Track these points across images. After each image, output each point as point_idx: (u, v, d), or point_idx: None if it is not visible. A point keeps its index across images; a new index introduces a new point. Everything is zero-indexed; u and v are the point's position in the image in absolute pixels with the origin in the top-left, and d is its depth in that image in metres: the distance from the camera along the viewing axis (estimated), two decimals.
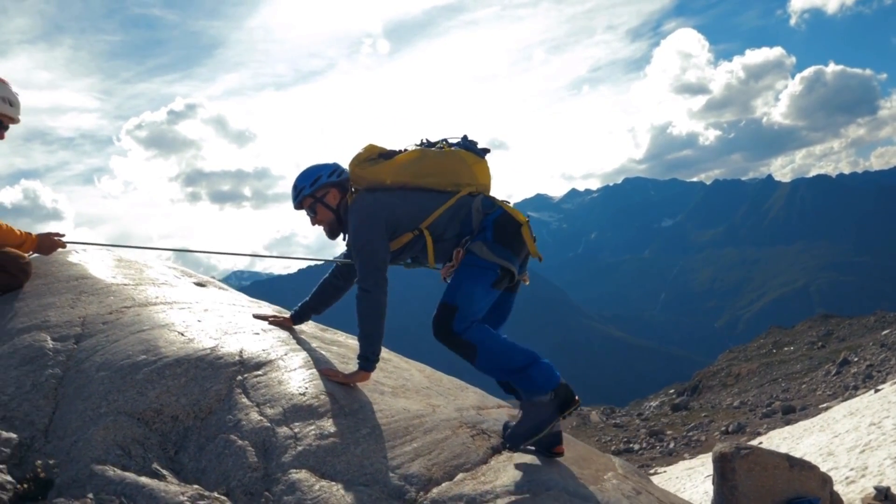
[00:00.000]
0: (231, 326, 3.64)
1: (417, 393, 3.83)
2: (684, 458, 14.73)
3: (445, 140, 3.82)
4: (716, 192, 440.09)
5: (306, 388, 3.11)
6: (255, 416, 2.88)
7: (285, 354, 3.44)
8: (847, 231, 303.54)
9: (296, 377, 3.21)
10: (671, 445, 16.65)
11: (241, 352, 3.31)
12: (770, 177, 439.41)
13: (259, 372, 3.20)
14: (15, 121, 3.88)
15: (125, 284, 3.92)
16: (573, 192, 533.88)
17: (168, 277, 4.51)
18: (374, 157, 3.71)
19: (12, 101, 3.84)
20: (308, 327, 4.42)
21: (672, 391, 30.43)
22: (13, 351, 3.02)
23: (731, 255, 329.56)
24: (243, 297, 4.86)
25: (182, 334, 3.33)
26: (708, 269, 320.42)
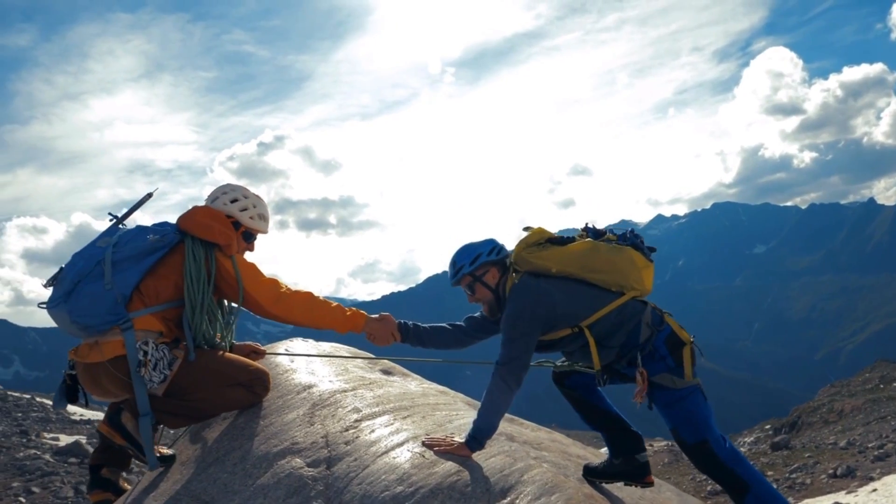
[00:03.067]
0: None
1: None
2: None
3: (611, 230, 3.70)
4: (812, 217, 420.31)
5: None
6: None
7: (521, 477, 3.33)
8: None
9: None
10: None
11: (482, 475, 3.24)
12: (872, 199, 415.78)
13: (506, 500, 3.11)
14: (265, 233, 4.02)
15: (345, 390, 3.94)
16: (659, 218, 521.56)
17: (366, 372, 4.54)
18: (542, 241, 3.60)
19: (265, 217, 3.97)
20: (506, 424, 4.35)
21: (768, 427, 28.74)
22: (277, 481, 3.04)
23: (830, 282, 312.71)
24: (433, 386, 4.85)
25: (423, 455, 3.28)
26: (805, 298, 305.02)
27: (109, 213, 3.73)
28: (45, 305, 3.33)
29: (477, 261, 3.60)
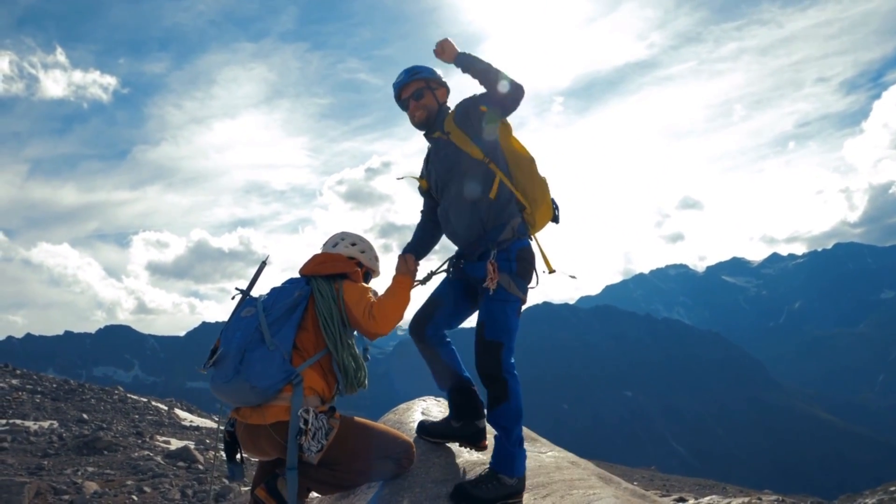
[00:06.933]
0: None
1: None
2: None
3: (555, 205, 3.89)
4: None
5: None
6: None
7: None
8: None
9: None
10: None
11: None
12: None
13: None
14: (378, 275, 4.18)
15: (484, 462, 3.93)
16: (775, 257, 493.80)
17: None
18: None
19: (378, 259, 4.13)
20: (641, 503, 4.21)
21: (893, 489, 26.17)
22: None
23: None
24: (565, 456, 4.77)
25: None
26: None
27: (237, 288, 3.85)
28: (214, 385, 3.39)
29: (434, 75, 3.90)
